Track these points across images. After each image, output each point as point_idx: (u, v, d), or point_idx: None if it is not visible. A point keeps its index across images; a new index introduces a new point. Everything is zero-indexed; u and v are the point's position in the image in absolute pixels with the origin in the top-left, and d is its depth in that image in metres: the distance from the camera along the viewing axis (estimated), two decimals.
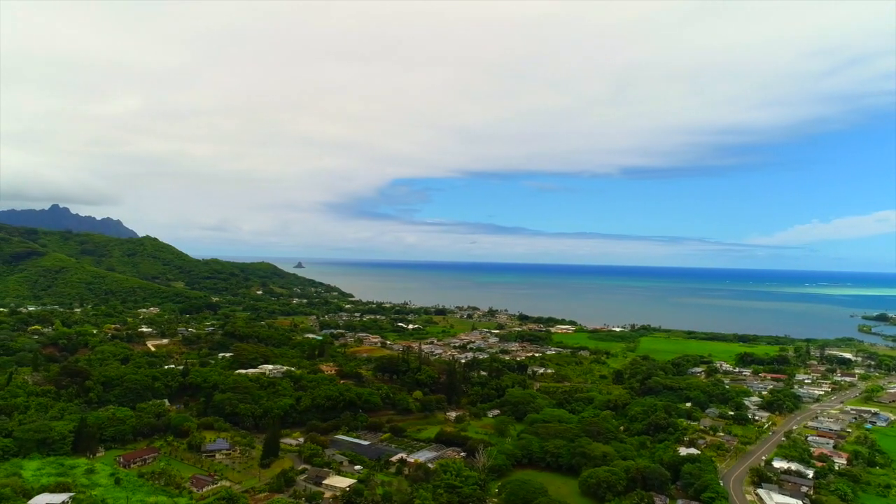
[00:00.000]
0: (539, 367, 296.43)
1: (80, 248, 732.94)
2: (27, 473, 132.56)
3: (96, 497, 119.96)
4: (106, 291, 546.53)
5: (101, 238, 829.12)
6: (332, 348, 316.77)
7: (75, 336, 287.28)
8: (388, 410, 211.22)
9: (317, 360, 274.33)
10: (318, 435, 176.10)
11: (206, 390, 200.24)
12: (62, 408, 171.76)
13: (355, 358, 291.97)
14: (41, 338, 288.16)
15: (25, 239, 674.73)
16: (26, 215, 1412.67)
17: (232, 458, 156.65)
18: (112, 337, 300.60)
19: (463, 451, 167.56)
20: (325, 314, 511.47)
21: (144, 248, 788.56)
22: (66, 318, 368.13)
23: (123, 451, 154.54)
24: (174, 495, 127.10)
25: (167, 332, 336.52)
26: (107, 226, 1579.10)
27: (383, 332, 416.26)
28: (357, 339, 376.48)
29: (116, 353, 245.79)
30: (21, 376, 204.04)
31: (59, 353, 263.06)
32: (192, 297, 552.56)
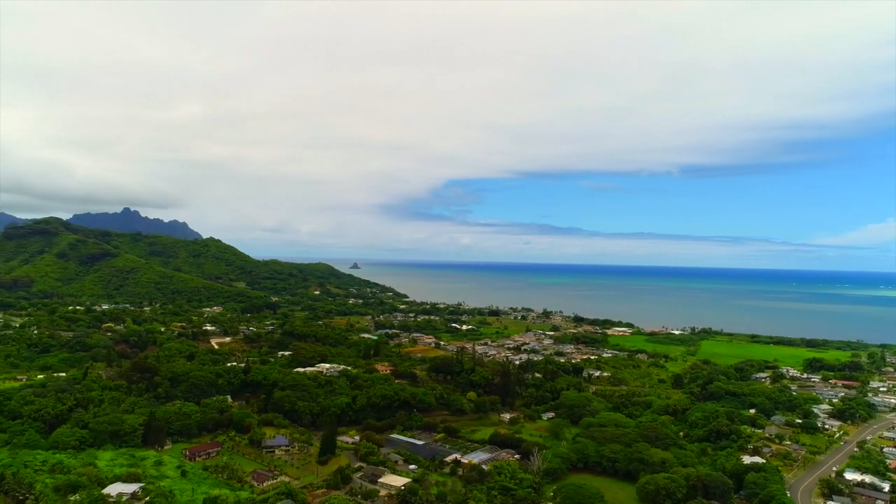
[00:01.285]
0: (595, 370, 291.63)
1: (149, 250, 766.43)
2: (102, 463, 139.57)
3: (164, 488, 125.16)
4: (173, 291, 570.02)
5: (169, 240, 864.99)
6: (387, 348, 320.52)
7: (145, 333, 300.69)
8: (442, 411, 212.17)
9: (372, 359, 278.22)
10: (374, 433, 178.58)
11: (266, 388, 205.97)
12: (133, 402, 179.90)
13: (410, 358, 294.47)
14: (114, 335, 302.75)
15: (100, 241, 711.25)
16: (100, 218, 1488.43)
17: (291, 455, 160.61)
18: (178, 335, 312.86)
19: (517, 454, 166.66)
20: (380, 314, 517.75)
21: (208, 250, 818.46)
22: (137, 316, 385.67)
23: (189, 445, 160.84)
24: (236, 489, 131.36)
25: (230, 330, 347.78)
26: (174, 228, 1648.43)
27: (437, 332, 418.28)
28: (411, 339, 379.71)
29: (182, 351, 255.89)
30: (96, 371, 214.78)
31: (131, 349, 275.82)
32: (253, 296, 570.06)
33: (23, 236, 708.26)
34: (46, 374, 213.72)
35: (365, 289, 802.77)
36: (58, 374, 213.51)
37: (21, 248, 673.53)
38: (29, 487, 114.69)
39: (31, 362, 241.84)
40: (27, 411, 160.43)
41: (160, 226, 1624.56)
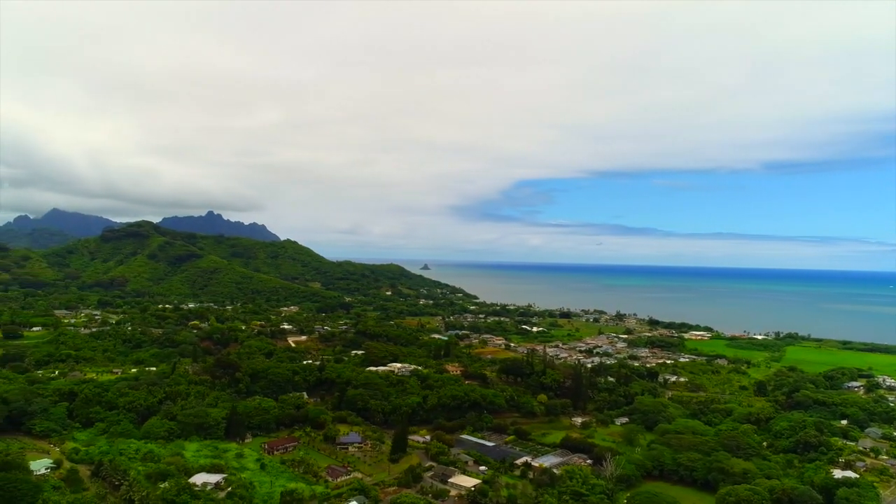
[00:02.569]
0: (671, 375, 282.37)
1: (230, 251, 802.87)
2: (188, 454, 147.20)
3: (245, 480, 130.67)
4: (252, 291, 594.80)
5: (249, 242, 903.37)
6: (458, 349, 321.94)
7: (227, 331, 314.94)
8: (513, 413, 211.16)
9: (442, 359, 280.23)
10: (444, 433, 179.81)
11: (339, 385, 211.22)
12: (216, 396, 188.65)
13: (480, 359, 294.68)
14: (199, 332, 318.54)
15: (186, 243, 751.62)
16: (186, 221, 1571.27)
17: (363, 452, 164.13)
18: (258, 333, 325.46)
19: (589, 459, 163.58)
20: (450, 315, 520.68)
21: (286, 251, 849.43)
22: (220, 314, 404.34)
23: (268, 439, 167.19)
24: (312, 483, 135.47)
25: (305, 329, 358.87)
26: (253, 230, 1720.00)
27: (507, 333, 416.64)
28: (481, 340, 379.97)
29: (262, 348, 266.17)
30: (183, 366, 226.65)
31: (214, 346, 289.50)
32: (328, 296, 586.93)
33: (118, 239, 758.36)
34: (139, 369, 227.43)
35: (435, 289, 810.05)
36: (149, 368, 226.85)
37: (116, 250, 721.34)
38: (124, 474, 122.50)
39: (126, 357, 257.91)
40: (122, 402, 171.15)
41: (241, 228, 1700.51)
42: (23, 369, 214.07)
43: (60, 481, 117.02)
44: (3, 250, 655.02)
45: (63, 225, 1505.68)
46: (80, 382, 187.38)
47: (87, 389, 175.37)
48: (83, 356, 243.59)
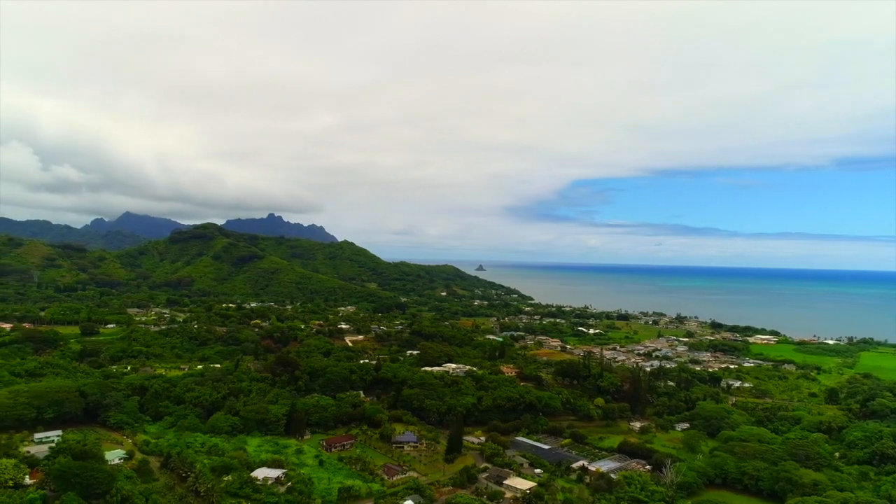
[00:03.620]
0: (734, 380, 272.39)
1: (290, 252, 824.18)
2: (250, 448, 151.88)
3: (304, 475, 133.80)
4: (311, 290, 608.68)
5: (308, 243, 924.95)
6: (512, 350, 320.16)
7: (287, 330, 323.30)
8: (569, 416, 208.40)
9: (497, 361, 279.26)
10: (499, 435, 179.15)
11: (395, 385, 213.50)
12: (277, 393, 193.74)
13: (535, 361, 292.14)
14: (260, 330, 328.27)
15: (248, 244, 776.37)
16: (248, 223, 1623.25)
17: (418, 451, 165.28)
18: (316, 332, 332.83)
19: (648, 465, 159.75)
20: (505, 316, 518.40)
21: (343, 252, 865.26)
22: (280, 313, 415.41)
23: (326, 436, 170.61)
24: (368, 480, 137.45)
25: (362, 329, 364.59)
26: (312, 231, 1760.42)
27: (563, 335, 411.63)
28: (537, 341, 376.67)
29: (320, 347, 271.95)
30: (245, 363, 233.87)
31: (275, 344, 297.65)
32: (384, 297, 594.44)
33: (185, 240, 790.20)
34: (204, 365, 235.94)
35: (490, 290, 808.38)
36: (213, 365, 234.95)
37: (184, 251, 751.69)
38: (190, 466, 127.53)
39: (192, 353, 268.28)
40: (189, 397, 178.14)
41: (300, 229, 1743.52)
42: (98, 364, 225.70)
43: (132, 471, 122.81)
44: (81, 251, 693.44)
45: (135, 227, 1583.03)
46: (150, 378, 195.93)
47: (157, 384, 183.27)
48: (153, 352, 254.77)
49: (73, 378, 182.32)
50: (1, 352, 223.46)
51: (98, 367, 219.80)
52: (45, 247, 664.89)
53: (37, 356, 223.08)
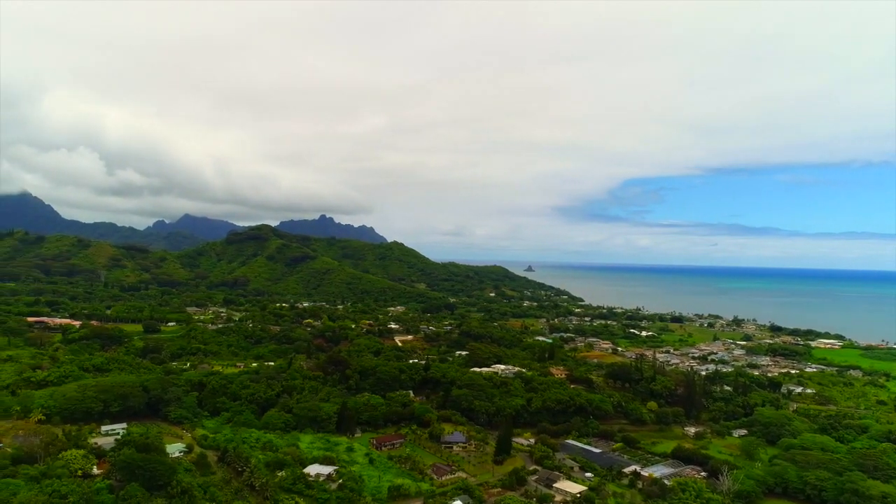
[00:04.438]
0: (796, 386, 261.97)
1: (341, 253, 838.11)
2: (303, 445, 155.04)
3: (355, 473, 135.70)
4: (362, 291, 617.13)
5: (358, 244, 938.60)
6: (562, 352, 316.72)
7: (338, 329, 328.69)
8: (620, 419, 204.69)
9: (547, 362, 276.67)
10: (549, 437, 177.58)
11: (444, 385, 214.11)
12: (328, 391, 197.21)
13: (585, 363, 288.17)
14: (312, 330, 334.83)
15: (301, 245, 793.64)
16: (300, 225, 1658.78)
17: (467, 451, 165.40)
18: (367, 331, 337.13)
19: (703, 472, 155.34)
20: (554, 317, 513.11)
21: (392, 253, 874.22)
22: (331, 313, 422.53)
23: (376, 435, 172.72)
24: (417, 479, 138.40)
25: (411, 329, 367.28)
26: (362, 232, 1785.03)
27: (614, 337, 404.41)
28: (587, 343, 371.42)
29: (370, 347, 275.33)
30: (298, 362, 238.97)
31: (326, 343, 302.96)
32: (432, 297, 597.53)
33: (241, 241, 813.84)
34: (259, 363, 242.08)
35: (539, 291, 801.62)
36: (268, 363, 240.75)
37: (239, 252, 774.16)
38: (246, 461, 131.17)
39: (247, 352, 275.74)
40: (244, 394, 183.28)
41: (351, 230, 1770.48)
42: (160, 361, 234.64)
43: (192, 464, 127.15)
44: (144, 252, 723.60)
45: (194, 229, 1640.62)
46: (208, 374, 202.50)
47: (214, 381, 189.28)
48: (210, 350, 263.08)
49: (137, 374, 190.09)
50: (71, 348, 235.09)
51: (160, 363, 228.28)
52: (111, 248, 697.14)
53: (103, 352, 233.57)
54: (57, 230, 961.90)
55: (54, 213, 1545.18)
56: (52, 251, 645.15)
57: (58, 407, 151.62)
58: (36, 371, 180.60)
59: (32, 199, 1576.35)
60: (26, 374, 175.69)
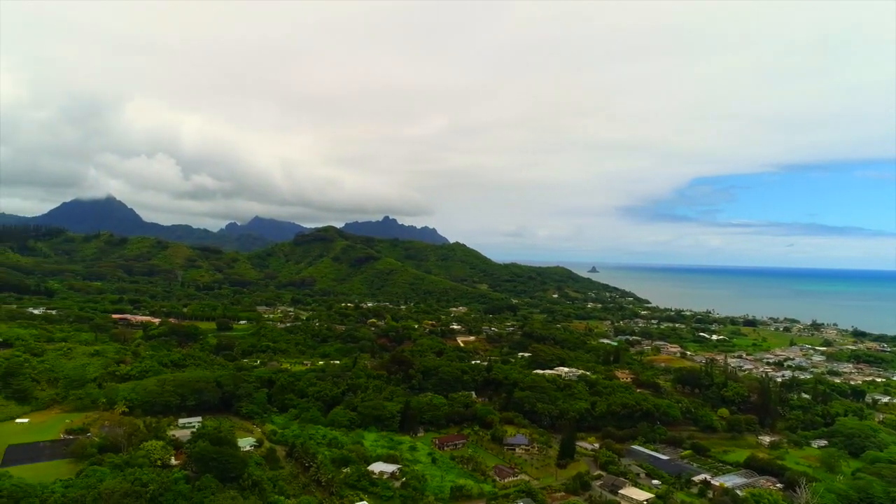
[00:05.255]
0: (882, 395, 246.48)
1: (404, 254, 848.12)
2: (367, 443, 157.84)
3: (418, 472, 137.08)
4: (424, 291, 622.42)
5: (421, 245, 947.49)
6: (628, 355, 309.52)
7: (401, 329, 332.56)
8: (689, 426, 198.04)
9: (612, 365, 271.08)
10: (613, 442, 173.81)
11: (506, 386, 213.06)
12: (392, 391, 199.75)
13: (652, 367, 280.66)
14: (376, 329, 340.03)
15: (365, 246, 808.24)
16: (365, 226, 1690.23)
17: (530, 454, 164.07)
18: (429, 332, 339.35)
19: (779, 483, 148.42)
20: (619, 319, 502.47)
21: (454, 254, 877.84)
22: (395, 313, 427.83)
23: (438, 435, 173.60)
24: (480, 480, 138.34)
25: (473, 329, 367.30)
26: (424, 234, 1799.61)
27: (683, 341, 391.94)
28: (654, 347, 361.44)
29: (433, 347, 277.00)
30: (362, 361, 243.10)
31: (390, 343, 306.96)
32: (495, 298, 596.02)
33: (307, 243, 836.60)
34: (325, 361, 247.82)
35: (603, 293, 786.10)
36: (333, 361, 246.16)
37: (306, 253, 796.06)
38: (312, 457, 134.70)
39: (314, 350, 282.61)
40: (311, 391, 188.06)
41: (413, 232, 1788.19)
42: (232, 357, 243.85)
43: (262, 458, 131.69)
44: (217, 253, 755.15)
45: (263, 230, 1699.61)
46: (277, 371, 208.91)
47: (283, 378, 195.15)
48: (279, 348, 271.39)
49: (211, 370, 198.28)
50: (151, 344, 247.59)
51: (232, 360, 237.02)
52: (187, 249, 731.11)
53: (180, 348, 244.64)
54: (138, 232, 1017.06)
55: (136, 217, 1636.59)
56: (133, 252, 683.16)
57: (139, 400, 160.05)
58: (120, 365, 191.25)
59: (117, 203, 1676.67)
60: (111, 368, 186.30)
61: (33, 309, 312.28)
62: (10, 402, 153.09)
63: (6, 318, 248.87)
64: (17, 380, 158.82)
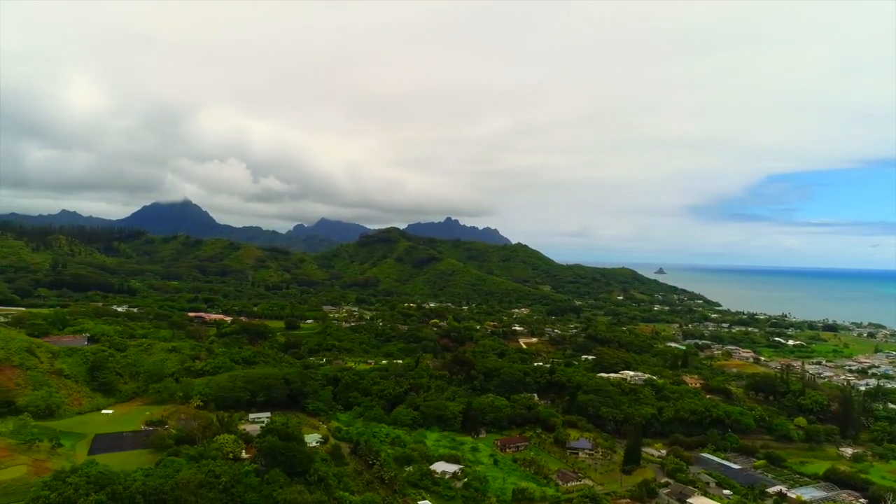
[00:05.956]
0: None
1: (466, 255, 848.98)
2: (429, 442, 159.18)
3: (479, 473, 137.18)
4: (486, 292, 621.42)
5: (482, 245, 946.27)
6: (697, 359, 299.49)
7: (463, 330, 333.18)
8: (763, 435, 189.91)
9: (679, 370, 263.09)
10: (682, 449, 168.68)
11: (569, 389, 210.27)
12: (453, 391, 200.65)
13: (723, 372, 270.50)
14: (438, 330, 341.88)
15: (427, 247, 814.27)
16: (427, 227, 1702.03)
17: (594, 459, 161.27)
18: (491, 333, 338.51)
19: (862, 498, 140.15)
20: (688, 323, 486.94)
21: (516, 254, 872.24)
22: (456, 313, 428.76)
23: (500, 436, 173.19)
24: (542, 484, 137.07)
25: (535, 331, 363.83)
26: (486, 234, 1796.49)
27: (756, 346, 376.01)
28: (724, 351, 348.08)
29: (494, 348, 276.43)
30: (424, 361, 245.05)
31: (451, 343, 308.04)
32: (557, 299, 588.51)
33: (371, 243, 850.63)
34: (388, 361, 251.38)
35: (671, 295, 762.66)
36: (396, 361, 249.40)
37: (370, 254, 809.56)
38: (376, 455, 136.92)
39: (377, 349, 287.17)
40: (375, 390, 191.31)
41: (475, 232, 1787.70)
42: (299, 355, 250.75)
43: (327, 454, 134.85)
44: (285, 254, 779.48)
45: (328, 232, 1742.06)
46: (341, 370, 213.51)
47: (348, 377, 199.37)
48: (344, 347, 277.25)
49: (279, 367, 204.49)
50: (224, 341, 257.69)
51: (299, 358, 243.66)
52: (257, 250, 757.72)
53: (251, 346, 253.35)
54: (212, 234, 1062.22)
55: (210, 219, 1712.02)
56: (208, 253, 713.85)
57: (213, 395, 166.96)
58: (195, 361, 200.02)
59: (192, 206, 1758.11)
60: (187, 363, 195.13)
61: (117, 307, 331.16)
62: (97, 394, 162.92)
63: (93, 315, 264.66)
64: (103, 373, 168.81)
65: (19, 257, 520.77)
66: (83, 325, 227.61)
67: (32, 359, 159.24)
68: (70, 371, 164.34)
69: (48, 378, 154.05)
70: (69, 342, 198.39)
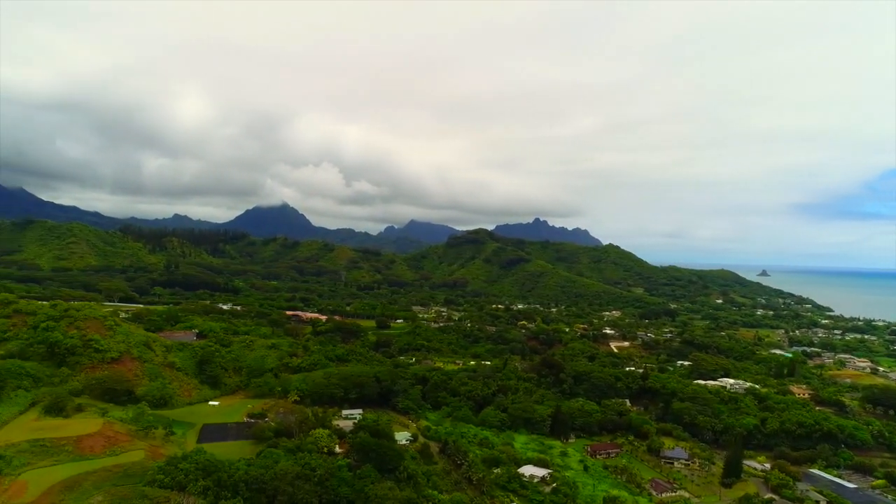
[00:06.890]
0: None
1: (555, 256, 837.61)
2: (517, 445, 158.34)
3: (569, 478, 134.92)
4: (575, 294, 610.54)
5: (572, 247, 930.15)
6: (805, 368, 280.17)
7: (552, 332, 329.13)
8: (882, 452, 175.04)
9: (785, 379, 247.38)
10: (788, 464, 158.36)
11: (663, 396, 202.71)
12: (542, 394, 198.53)
13: (835, 383, 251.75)
14: (526, 331, 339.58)
15: (515, 248, 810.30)
16: (515, 228, 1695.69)
17: (690, 470, 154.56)
18: (580, 336, 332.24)
19: None
20: (795, 329, 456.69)
21: (607, 256, 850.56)
22: (545, 316, 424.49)
23: (590, 442, 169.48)
24: (634, 493, 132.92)
25: (627, 335, 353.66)
26: (576, 235, 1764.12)
27: (873, 355, 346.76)
28: (837, 360, 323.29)
29: (584, 351, 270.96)
30: (512, 363, 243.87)
31: (540, 345, 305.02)
32: (651, 302, 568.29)
33: (459, 245, 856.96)
34: (476, 362, 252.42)
35: (775, 299, 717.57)
36: (484, 362, 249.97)
37: (458, 255, 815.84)
38: (464, 455, 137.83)
39: (465, 350, 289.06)
40: (463, 391, 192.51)
41: (564, 233, 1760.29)
42: (390, 354, 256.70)
43: (416, 453, 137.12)
44: (376, 255, 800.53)
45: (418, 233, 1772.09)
46: (430, 370, 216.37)
47: (436, 376, 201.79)
48: (433, 347, 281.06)
49: (370, 365, 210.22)
50: (319, 339, 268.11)
51: (389, 357, 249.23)
52: (350, 251, 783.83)
53: (344, 344, 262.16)
54: (308, 236, 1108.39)
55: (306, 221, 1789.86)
56: (304, 254, 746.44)
57: (308, 390, 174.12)
58: (292, 358, 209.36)
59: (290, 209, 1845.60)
60: (285, 360, 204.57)
61: (222, 305, 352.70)
62: (204, 387, 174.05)
63: (202, 313, 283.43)
64: (210, 367, 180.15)
65: (138, 258, 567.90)
66: (193, 322, 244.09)
67: (149, 352, 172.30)
68: (181, 364, 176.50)
69: (162, 370, 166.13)
70: (180, 337, 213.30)
